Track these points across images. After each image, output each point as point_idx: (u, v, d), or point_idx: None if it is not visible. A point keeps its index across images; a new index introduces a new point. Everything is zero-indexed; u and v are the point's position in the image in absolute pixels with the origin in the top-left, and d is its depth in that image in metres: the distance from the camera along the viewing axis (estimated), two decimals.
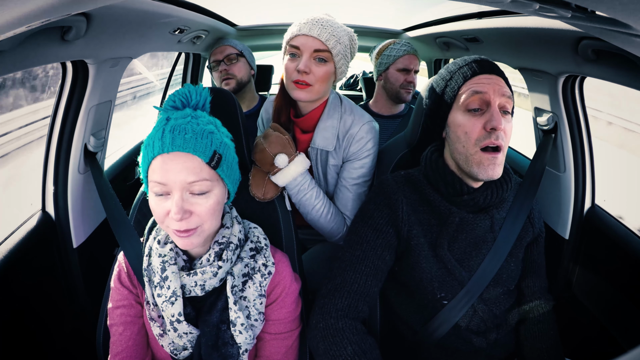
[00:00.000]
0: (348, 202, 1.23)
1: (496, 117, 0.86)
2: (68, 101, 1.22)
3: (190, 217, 0.74)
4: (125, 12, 1.01)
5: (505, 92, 0.89)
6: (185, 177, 0.71)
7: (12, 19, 0.48)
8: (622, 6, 0.47)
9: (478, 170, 0.88)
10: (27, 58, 0.87)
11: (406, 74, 1.85)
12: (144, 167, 0.76)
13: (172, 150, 0.71)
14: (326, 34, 1.10)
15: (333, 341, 0.84)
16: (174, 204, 0.71)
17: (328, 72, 1.14)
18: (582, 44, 0.97)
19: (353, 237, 0.97)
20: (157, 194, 0.73)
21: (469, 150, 0.89)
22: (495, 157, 0.87)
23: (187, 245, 0.76)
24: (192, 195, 0.74)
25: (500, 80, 0.90)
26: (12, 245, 1.11)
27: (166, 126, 0.73)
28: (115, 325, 0.86)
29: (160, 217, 0.74)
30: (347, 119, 1.22)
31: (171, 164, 0.71)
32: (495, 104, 0.87)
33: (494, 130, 0.86)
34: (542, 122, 1.35)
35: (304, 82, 1.12)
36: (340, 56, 1.14)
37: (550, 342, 1.01)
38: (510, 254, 0.97)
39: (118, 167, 1.77)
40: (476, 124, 0.88)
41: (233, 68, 1.83)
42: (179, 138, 0.71)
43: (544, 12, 0.62)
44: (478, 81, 0.90)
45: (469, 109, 0.89)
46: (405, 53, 1.85)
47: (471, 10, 1.48)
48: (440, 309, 0.94)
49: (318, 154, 1.25)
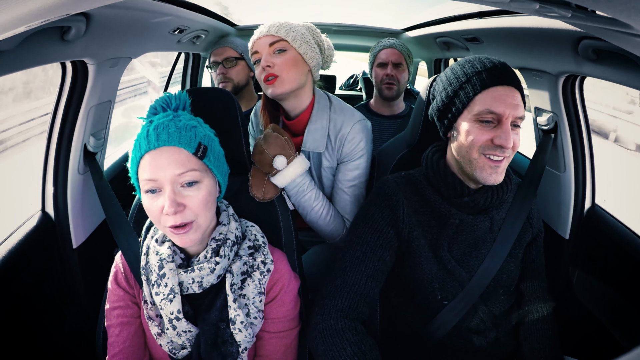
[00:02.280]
0: (346, 205, 1.23)
1: (506, 135, 0.84)
2: (68, 101, 1.22)
3: (184, 210, 0.75)
4: (125, 12, 1.01)
5: (519, 108, 0.85)
6: (174, 170, 0.73)
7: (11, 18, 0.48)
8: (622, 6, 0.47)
9: (480, 174, 0.87)
10: (26, 58, 0.87)
11: (384, 69, 1.84)
12: (133, 169, 0.78)
13: (158, 145, 0.73)
14: (275, 27, 1.13)
15: (332, 342, 0.84)
16: (166, 197, 0.72)
17: (291, 59, 1.14)
18: (582, 44, 0.97)
19: (353, 237, 0.97)
20: (149, 191, 0.75)
21: (472, 155, 0.88)
22: (498, 165, 0.86)
23: (185, 242, 0.76)
24: (183, 187, 0.75)
25: (515, 93, 0.86)
26: (12, 245, 1.11)
27: (150, 126, 0.76)
28: (112, 327, 0.86)
29: (155, 215, 0.75)
30: (337, 119, 1.21)
31: (159, 160, 0.73)
32: (507, 122, 0.85)
33: (502, 147, 0.84)
34: (542, 122, 1.34)
35: (271, 76, 1.13)
36: (299, 42, 1.14)
37: (550, 342, 1.01)
38: (509, 255, 0.97)
39: (118, 167, 1.77)
40: (485, 135, 0.86)
41: (230, 72, 1.81)
42: (164, 134, 0.74)
43: (544, 11, 0.62)
44: (495, 94, 0.85)
45: (480, 120, 0.87)
46: (382, 48, 1.85)
47: (471, 10, 1.48)
48: (440, 309, 0.94)
49: (310, 157, 1.24)
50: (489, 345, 0.97)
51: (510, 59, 1.40)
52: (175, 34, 1.51)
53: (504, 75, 0.87)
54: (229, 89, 1.81)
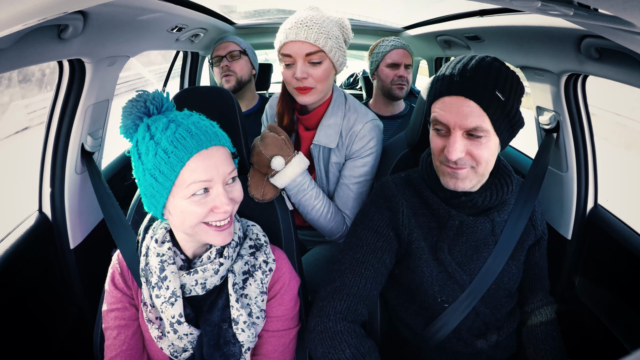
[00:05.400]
0: (348, 200, 1.22)
1: (450, 148, 0.81)
2: (65, 100, 1.21)
3: (232, 203, 0.76)
4: (122, 10, 1.01)
5: (470, 118, 0.79)
6: (226, 168, 0.74)
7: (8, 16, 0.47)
8: (624, 4, 0.46)
9: (443, 180, 0.88)
10: (23, 57, 0.87)
11: (396, 69, 1.82)
12: (172, 177, 0.70)
13: (209, 145, 0.72)
14: (313, 34, 1.06)
15: (331, 344, 0.84)
16: (221, 195, 0.73)
17: (326, 71, 1.13)
18: (584, 42, 0.96)
19: (353, 239, 0.96)
20: (198, 194, 0.72)
21: (435, 162, 0.89)
22: (456, 172, 0.85)
23: (226, 237, 0.77)
24: (228, 185, 0.76)
25: (467, 102, 0.80)
26: (8, 246, 1.11)
27: (180, 127, 0.71)
28: (109, 329, 0.85)
29: (200, 217, 0.73)
30: (351, 116, 1.21)
31: (212, 159, 0.72)
32: (455, 133, 0.82)
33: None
34: (544, 121, 1.33)
35: (305, 87, 1.12)
36: (335, 50, 1.12)
37: (552, 344, 1.00)
38: (511, 257, 0.96)
39: (115, 167, 1.76)
40: (438, 143, 0.87)
41: (234, 65, 1.80)
42: (211, 133, 0.73)
43: (546, 9, 0.61)
44: (443, 104, 0.83)
45: (435, 128, 0.87)
46: (392, 48, 1.83)
47: (472, 8, 1.47)
48: (441, 312, 0.93)
49: (320, 151, 1.24)
50: (490, 349, 0.96)
51: (512, 58, 1.39)
52: (173, 32, 1.50)
53: (453, 84, 0.82)
54: (233, 82, 1.80)
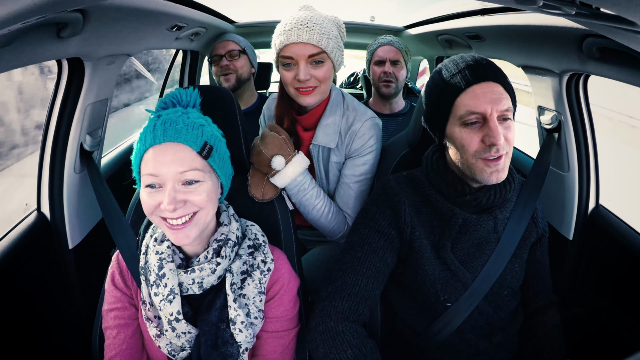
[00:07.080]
0: (349, 199, 1.22)
1: (494, 133, 0.81)
2: (64, 99, 1.21)
3: (185, 205, 0.74)
4: (122, 9, 1.00)
5: (503, 101, 0.82)
6: (177, 167, 0.73)
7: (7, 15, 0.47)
8: (626, 3, 0.46)
9: (481, 177, 0.85)
10: (22, 55, 0.86)
11: (382, 66, 1.82)
12: (136, 162, 0.77)
13: (164, 141, 0.73)
14: (316, 35, 1.05)
15: (333, 344, 0.83)
16: (165, 194, 0.72)
17: (328, 71, 1.12)
18: (586, 42, 0.95)
19: (354, 238, 0.96)
20: (148, 186, 0.74)
21: (469, 161, 0.86)
22: (496, 164, 0.84)
23: (182, 239, 0.75)
24: (184, 185, 0.75)
25: (496, 86, 0.83)
26: (6, 246, 1.10)
27: (158, 120, 0.75)
28: (109, 329, 0.85)
29: (150, 208, 0.75)
30: (350, 115, 1.21)
31: (163, 155, 0.73)
32: (493, 118, 0.82)
33: (493, 145, 0.82)
34: (546, 121, 1.33)
35: (308, 88, 1.11)
36: (335, 50, 1.11)
37: (554, 343, 1.00)
38: (514, 255, 0.96)
39: (115, 166, 1.76)
40: (474, 137, 0.84)
41: (234, 64, 1.80)
42: (171, 129, 0.73)
43: (548, 9, 0.61)
44: (473, 94, 0.83)
45: (465, 123, 0.85)
46: (378, 45, 1.84)
47: (474, 7, 1.46)
48: (443, 311, 0.92)
49: (320, 151, 1.23)
50: (492, 349, 0.95)
51: (514, 57, 1.38)
52: (173, 30, 1.49)
53: (478, 71, 0.84)
54: (233, 80, 1.80)
